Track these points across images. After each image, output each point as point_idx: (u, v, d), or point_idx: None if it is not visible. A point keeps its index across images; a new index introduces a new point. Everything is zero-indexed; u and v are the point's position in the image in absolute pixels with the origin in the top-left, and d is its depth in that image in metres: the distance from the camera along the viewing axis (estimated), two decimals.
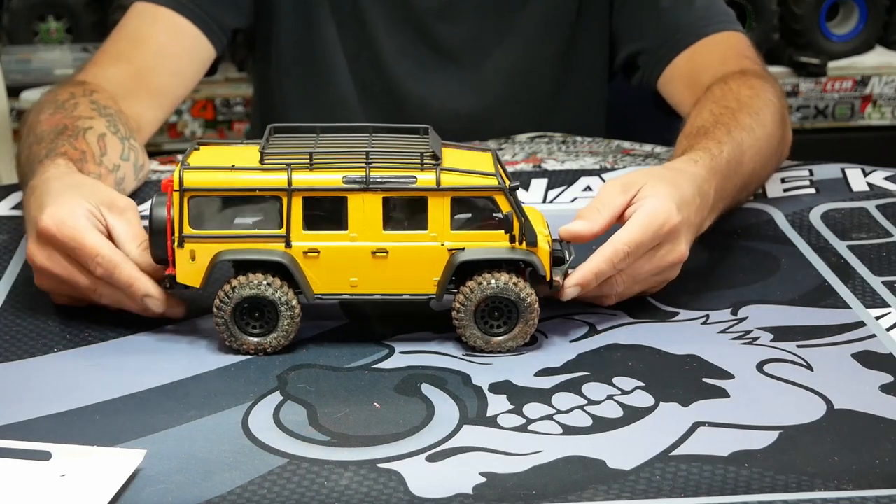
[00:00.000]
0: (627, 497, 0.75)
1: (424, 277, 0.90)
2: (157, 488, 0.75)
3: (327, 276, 0.90)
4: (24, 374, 0.89)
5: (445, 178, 0.89)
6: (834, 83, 2.85)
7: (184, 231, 0.89)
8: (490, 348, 0.92)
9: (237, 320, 0.90)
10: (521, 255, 0.90)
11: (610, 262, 0.93)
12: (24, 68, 2.64)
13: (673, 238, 0.96)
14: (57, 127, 1.11)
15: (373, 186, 0.89)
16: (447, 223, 0.90)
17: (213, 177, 0.89)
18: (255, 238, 0.89)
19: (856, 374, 0.89)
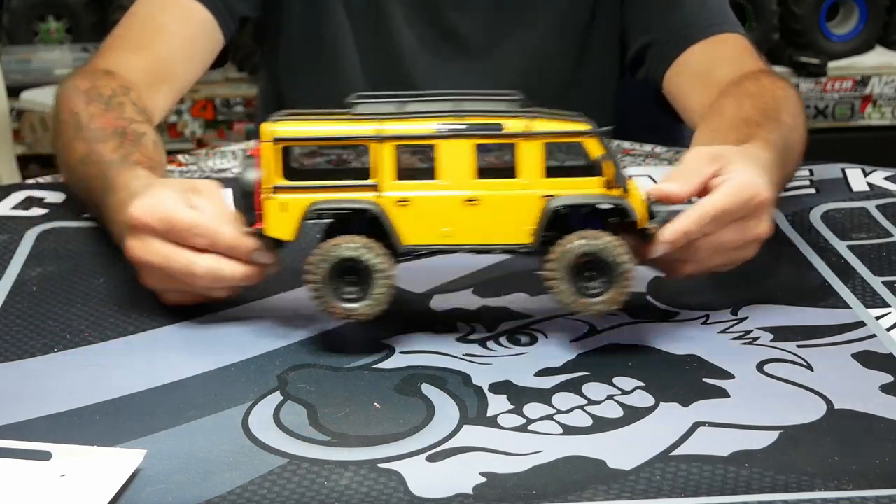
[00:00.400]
0: (627, 497, 0.75)
1: (518, 226, 0.89)
2: (157, 488, 0.75)
3: (419, 225, 0.89)
4: (24, 374, 0.89)
5: (536, 124, 0.88)
6: (834, 83, 2.85)
7: (276, 181, 0.88)
8: (577, 307, 0.90)
9: (331, 283, 0.89)
10: (615, 200, 0.89)
11: (698, 224, 0.92)
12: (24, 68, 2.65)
13: (759, 213, 0.95)
14: (116, 129, 1.11)
15: (464, 133, 0.88)
16: (539, 170, 0.89)
17: (305, 126, 0.89)
18: (346, 188, 0.89)
19: (856, 374, 0.89)
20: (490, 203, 0.89)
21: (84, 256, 1.07)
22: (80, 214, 1.16)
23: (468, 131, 0.88)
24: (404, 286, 1.02)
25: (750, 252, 0.98)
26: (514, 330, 0.95)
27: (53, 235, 1.11)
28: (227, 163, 1.30)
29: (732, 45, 1.34)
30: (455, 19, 1.40)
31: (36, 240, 1.10)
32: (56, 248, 1.09)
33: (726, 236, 0.95)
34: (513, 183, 0.89)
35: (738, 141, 1.07)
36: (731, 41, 1.34)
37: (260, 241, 0.91)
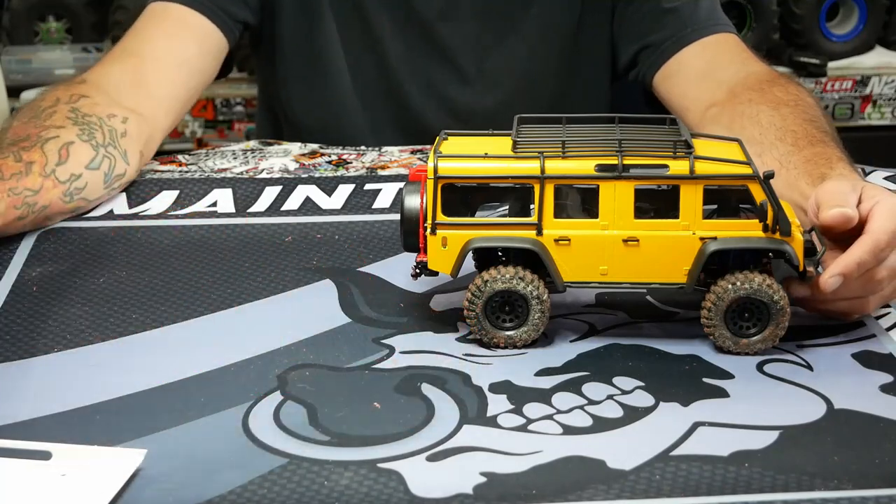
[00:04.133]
0: (627, 497, 0.75)
1: (675, 266, 0.90)
2: (157, 488, 0.75)
3: (577, 263, 0.90)
4: (24, 374, 0.89)
5: (699, 166, 0.88)
6: (834, 83, 2.85)
7: (437, 218, 0.90)
8: (739, 349, 0.91)
9: (488, 314, 0.91)
10: (774, 245, 0.89)
11: (872, 252, 0.90)
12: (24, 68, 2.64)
13: None
14: (17, 137, 1.12)
15: (626, 175, 0.88)
16: (699, 212, 0.89)
17: (467, 165, 0.90)
18: (506, 226, 0.90)
19: (856, 374, 0.90)
20: (648, 243, 0.90)
21: (84, 256, 1.07)
22: (80, 215, 1.16)
23: (631, 174, 0.88)
24: (404, 286, 1.02)
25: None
26: None
27: (53, 235, 1.11)
28: (227, 163, 1.31)
29: (730, 45, 1.34)
30: (442, 31, 1.40)
31: (36, 240, 1.10)
32: (56, 248, 1.09)
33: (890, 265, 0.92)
34: (672, 223, 0.89)
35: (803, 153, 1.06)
36: (727, 41, 1.35)
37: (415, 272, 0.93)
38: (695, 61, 1.33)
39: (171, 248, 1.09)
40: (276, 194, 1.20)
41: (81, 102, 1.19)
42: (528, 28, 1.41)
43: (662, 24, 1.36)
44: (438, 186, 0.89)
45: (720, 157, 0.89)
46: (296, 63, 1.43)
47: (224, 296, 1.00)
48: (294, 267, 1.05)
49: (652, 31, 1.37)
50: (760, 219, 0.89)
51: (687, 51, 1.34)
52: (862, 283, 0.92)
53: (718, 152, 0.91)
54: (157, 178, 1.25)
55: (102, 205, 1.18)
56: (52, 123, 1.14)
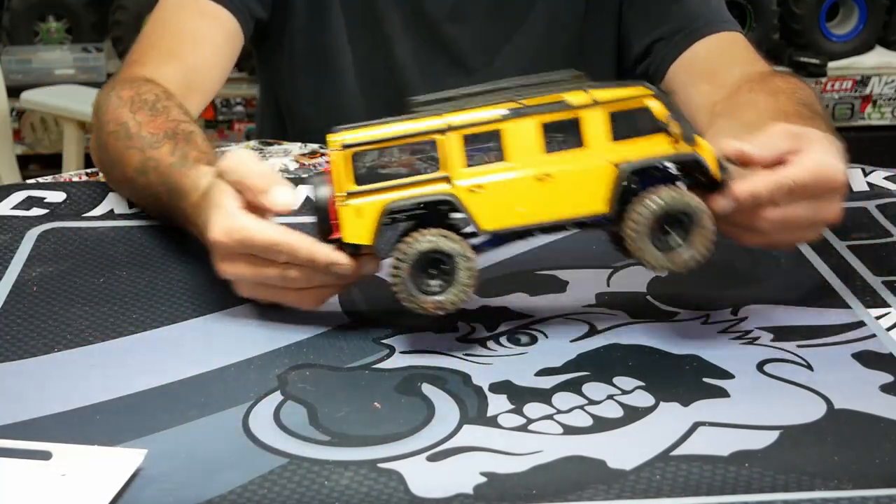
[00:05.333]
0: (627, 497, 0.75)
1: (594, 196, 0.89)
2: (157, 488, 0.75)
3: (494, 209, 0.89)
4: (24, 374, 0.89)
5: (597, 93, 0.89)
6: (834, 83, 2.85)
7: (349, 188, 0.88)
8: (671, 266, 0.90)
9: (415, 279, 0.89)
10: (687, 155, 0.89)
11: (769, 190, 0.91)
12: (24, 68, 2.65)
13: (834, 195, 0.95)
14: (167, 132, 1.10)
15: (527, 111, 0.88)
16: (607, 138, 0.89)
17: (372, 131, 0.89)
18: (418, 184, 0.89)
19: (856, 374, 0.90)
20: (562, 177, 0.89)
21: (84, 256, 1.07)
22: (80, 214, 1.16)
23: (533, 110, 0.88)
24: None
25: (815, 234, 0.98)
26: (514, 330, 0.95)
27: (53, 235, 1.11)
28: None
29: (739, 44, 1.34)
30: (450, 31, 1.40)
31: (36, 240, 1.10)
32: (56, 248, 1.09)
33: (798, 212, 0.94)
34: (582, 153, 0.89)
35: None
36: (736, 39, 1.35)
37: (339, 249, 0.90)
38: (703, 58, 1.33)
39: (171, 248, 1.09)
40: None
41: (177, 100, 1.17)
42: (534, 26, 1.41)
43: (673, 16, 1.36)
44: (350, 155, 0.88)
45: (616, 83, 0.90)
46: (303, 60, 1.43)
47: (224, 296, 1.00)
48: None
49: (663, 22, 1.37)
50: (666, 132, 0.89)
51: (699, 45, 1.34)
52: (751, 216, 0.93)
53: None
54: None
55: (102, 205, 1.18)
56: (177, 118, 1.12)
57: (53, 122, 2.62)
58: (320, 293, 0.94)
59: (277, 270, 0.91)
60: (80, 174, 1.29)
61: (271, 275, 0.92)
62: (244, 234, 0.90)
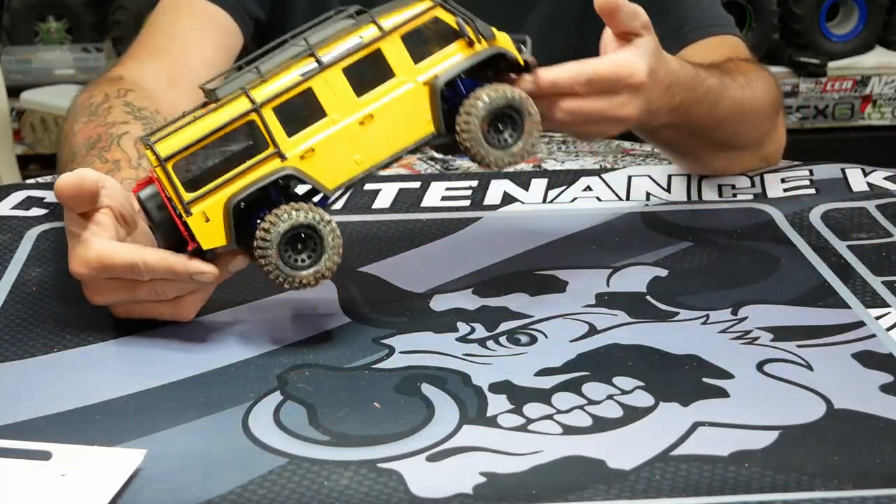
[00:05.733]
0: (627, 497, 0.75)
1: (419, 121, 0.91)
2: (157, 488, 0.75)
3: (331, 166, 0.89)
4: (24, 374, 0.89)
5: (384, 21, 0.90)
6: (834, 83, 2.85)
7: (184, 198, 0.88)
8: (513, 159, 0.92)
9: (285, 260, 0.88)
10: (489, 52, 0.92)
11: (569, 79, 0.97)
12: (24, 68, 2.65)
13: (632, 93, 0.99)
14: (90, 140, 1.11)
15: (328, 63, 0.89)
16: (409, 61, 0.90)
17: (181, 136, 0.88)
18: (250, 168, 0.88)
19: (856, 374, 0.89)
20: (383, 113, 0.90)
21: None
22: None
23: (331, 60, 0.89)
24: (404, 286, 1.02)
25: (611, 131, 1.03)
26: (514, 330, 0.95)
27: (53, 235, 1.11)
28: None
29: (729, 46, 1.34)
30: None
31: (36, 240, 1.10)
32: (56, 248, 1.09)
33: (592, 105, 0.98)
34: (392, 85, 0.90)
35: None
36: (727, 42, 1.35)
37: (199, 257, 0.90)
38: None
39: None
40: None
41: (130, 97, 1.19)
42: (533, 26, 1.41)
43: (663, 17, 1.36)
44: (169, 168, 0.87)
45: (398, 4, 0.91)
46: None
47: (224, 296, 1.00)
48: None
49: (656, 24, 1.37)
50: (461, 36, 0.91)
51: (686, 52, 1.34)
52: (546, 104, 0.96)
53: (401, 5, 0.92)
54: None
55: None
56: (114, 120, 1.14)
57: (53, 122, 2.62)
58: (195, 299, 0.94)
59: (146, 287, 0.91)
60: None
61: (142, 293, 0.91)
62: (101, 262, 0.89)
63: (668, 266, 1.07)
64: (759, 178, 1.26)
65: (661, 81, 1.03)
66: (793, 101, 2.79)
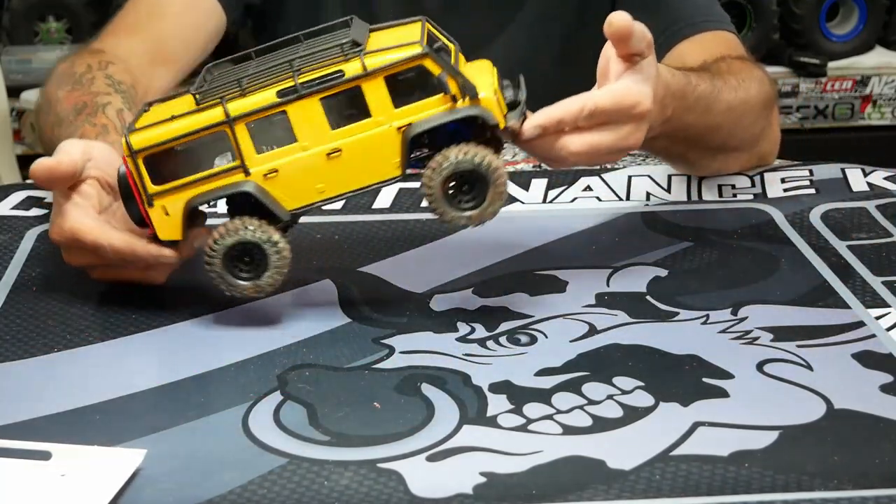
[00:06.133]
0: (627, 497, 0.75)
1: (385, 163, 0.91)
2: (157, 488, 0.75)
3: (293, 190, 0.91)
4: (25, 374, 0.89)
5: (370, 60, 0.89)
6: (834, 83, 2.85)
7: (149, 190, 0.91)
8: (468, 223, 0.92)
9: (230, 269, 0.92)
10: (465, 112, 0.90)
11: (572, 114, 0.95)
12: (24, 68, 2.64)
13: (638, 121, 0.98)
14: (76, 105, 1.14)
15: (305, 93, 0.89)
16: (388, 104, 0.90)
17: (156, 132, 0.90)
18: (216, 176, 0.91)
19: (856, 374, 0.89)
20: (351, 149, 0.91)
21: None
22: None
23: (311, 89, 0.89)
24: (404, 286, 1.02)
25: (616, 158, 1.01)
26: (514, 330, 0.95)
27: None
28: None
29: (719, 43, 1.33)
30: (445, 23, 1.40)
31: (36, 240, 1.10)
32: (56, 248, 1.08)
33: (597, 138, 0.96)
34: (367, 123, 0.90)
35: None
36: (720, 39, 1.34)
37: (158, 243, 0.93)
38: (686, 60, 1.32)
39: None
40: None
41: (111, 69, 1.22)
42: (525, 21, 1.41)
43: (659, 16, 1.35)
44: (138, 160, 0.90)
45: (392, 45, 0.91)
46: None
47: (224, 296, 1.00)
48: (294, 267, 1.05)
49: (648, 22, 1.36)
50: (444, 91, 0.90)
51: (679, 48, 1.33)
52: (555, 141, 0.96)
53: (394, 40, 0.92)
54: None
55: None
56: (97, 90, 1.17)
57: None
58: (164, 268, 0.97)
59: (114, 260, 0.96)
60: None
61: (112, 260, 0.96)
62: (73, 235, 0.95)
63: (668, 266, 1.07)
64: (758, 178, 1.26)
65: (659, 103, 1.02)
66: (793, 101, 2.79)
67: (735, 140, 1.19)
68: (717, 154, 1.19)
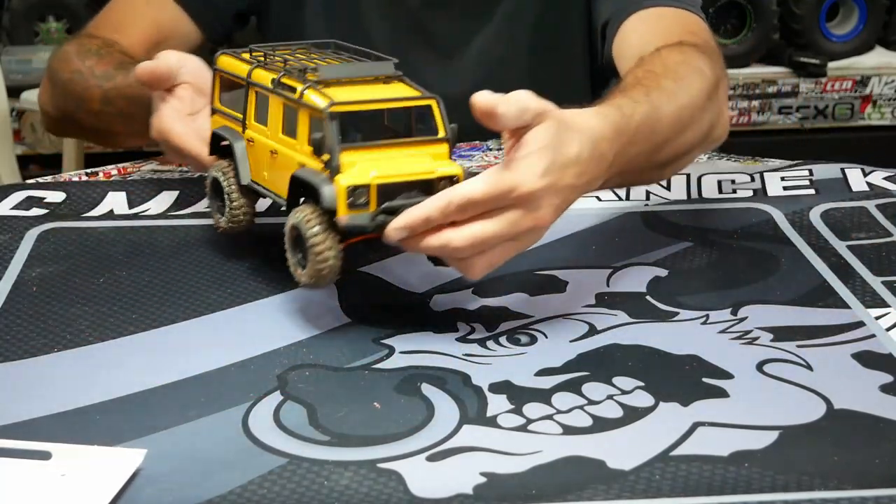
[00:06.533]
0: (627, 497, 0.75)
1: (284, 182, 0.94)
2: (157, 488, 0.75)
3: (254, 165, 1.00)
4: (24, 374, 0.89)
5: (308, 95, 0.92)
6: (834, 83, 2.85)
7: (213, 104, 1.05)
8: (304, 282, 0.92)
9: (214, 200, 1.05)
10: (308, 176, 0.91)
11: (440, 210, 0.87)
12: (24, 68, 2.64)
13: (527, 203, 0.88)
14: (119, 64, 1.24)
15: (276, 91, 0.95)
16: (305, 138, 0.92)
17: (229, 62, 1.03)
18: (233, 119, 1.02)
19: (856, 374, 0.90)
20: (280, 158, 0.95)
21: (84, 256, 1.07)
22: (80, 214, 1.16)
23: (277, 91, 0.95)
24: (404, 286, 1.02)
25: (529, 241, 0.92)
26: (514, 330, 0.95)
27: (53, 235, 1.11)
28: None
29: (669, 19, 1.27)
30: (426, 17, 1.41)
31: (36, 240, 1.10)
32: (56, 248, 1.09)
33: (482, 228, 0.88)
34: (293, 143, 0.94)
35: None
36: (669, 15, 1.28)
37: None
38: (633, 37, 1.28)
39: (171, 248, 1.09)
40: None
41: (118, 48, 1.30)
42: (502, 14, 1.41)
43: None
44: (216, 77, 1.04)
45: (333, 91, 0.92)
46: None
47: (224, 296, 1.00)
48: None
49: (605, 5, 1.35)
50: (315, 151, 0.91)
51: (627, 25, 1.30)
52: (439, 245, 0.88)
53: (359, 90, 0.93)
54: (157, 178, 1.25)
55: (102, 205, 1.18)
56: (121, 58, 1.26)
57: None
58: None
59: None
60: (80, 174, 1.29)
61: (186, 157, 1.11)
62: (161, 135, 1.11)
63: (668, 266, 1.07)
64: (758, 177, 1.26)
65: (569, 165, 0.90)
66: (793, 101, 2.79)
67: (686, 146, 1.10)
68: (670, 164, 1.10)
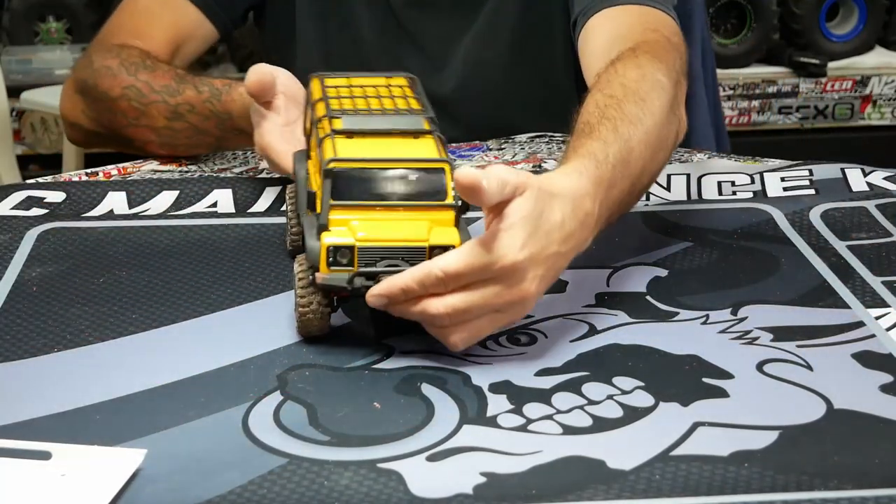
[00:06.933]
0: (627, 497, 0.75)
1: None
2: (157, 488, 0.75)
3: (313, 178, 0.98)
4: (24, 374, 0.89)
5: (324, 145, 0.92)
6: (834, 83, 2.85)
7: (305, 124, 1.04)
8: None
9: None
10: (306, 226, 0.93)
11: (418, 282, 0.85)
12: (24, 68, 2.64)
13: (510, 276, 0.86)
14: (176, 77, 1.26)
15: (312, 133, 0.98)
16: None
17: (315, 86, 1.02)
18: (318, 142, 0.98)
19: (856, 374, 0.90)
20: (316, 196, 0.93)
21: (84, 256, 1.07)
22: (80, 214, 1.16)
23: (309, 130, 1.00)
24: None
25: (516, 314, 0.89)
26: (514, 330, 0.95)
27: (53, 235, 1.11)
28: (227, 163, 1.31)
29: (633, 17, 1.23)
30: (410, 17, 1.41)
31: (36, 240, 1.10)
32: (56, 248, 1.09)
33: (472, 301, 0.86)
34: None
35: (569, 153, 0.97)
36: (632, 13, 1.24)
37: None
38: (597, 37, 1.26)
39: (171, 248, 1.09)
40: (276, 194, 1.20)
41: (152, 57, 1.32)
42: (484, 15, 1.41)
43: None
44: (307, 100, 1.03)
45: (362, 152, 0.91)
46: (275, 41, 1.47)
47: (224, 296, 1.00)
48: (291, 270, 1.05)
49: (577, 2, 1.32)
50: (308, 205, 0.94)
51: (591, 25, 1.27)
52: (421, 314, 0.87)
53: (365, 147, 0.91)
54: (157, 178, 1.25)
55: (102, 205, 1.18)
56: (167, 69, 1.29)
57: (53, 122, 2.62)
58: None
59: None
60: (80, 174, 1.29)
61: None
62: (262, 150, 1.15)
63: (668, 266, 1.07)
64: (758, 177, 1.26)
65: (551, 231, 0.88)
66: (793, 101, 2.79)
67: (659, 164, 1.07)
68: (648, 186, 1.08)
